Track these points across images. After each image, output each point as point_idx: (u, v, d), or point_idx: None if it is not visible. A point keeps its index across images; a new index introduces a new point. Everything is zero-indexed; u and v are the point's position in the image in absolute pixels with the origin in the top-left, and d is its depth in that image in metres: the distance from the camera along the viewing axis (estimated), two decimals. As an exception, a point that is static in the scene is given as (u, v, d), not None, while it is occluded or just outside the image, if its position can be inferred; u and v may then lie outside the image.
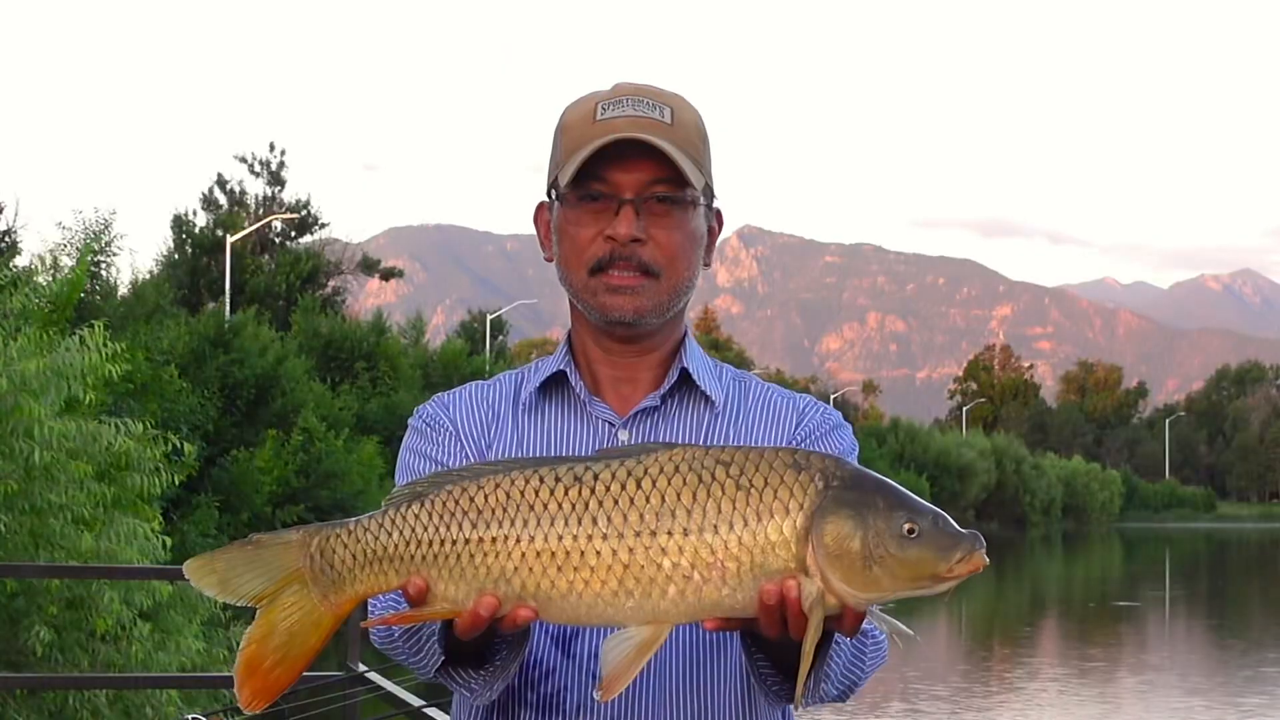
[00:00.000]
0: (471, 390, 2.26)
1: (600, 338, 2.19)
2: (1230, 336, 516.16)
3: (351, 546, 1.85)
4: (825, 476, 1.77)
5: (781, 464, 1.78)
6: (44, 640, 9.37)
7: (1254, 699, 18.25)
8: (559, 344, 2.26)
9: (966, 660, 23.33)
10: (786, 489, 1.76)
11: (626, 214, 2.10)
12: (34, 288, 14.28)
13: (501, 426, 2.20)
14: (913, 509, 1.77)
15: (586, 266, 2.13)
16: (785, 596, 1.75)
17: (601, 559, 1.78)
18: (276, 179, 50.35)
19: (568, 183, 2.11)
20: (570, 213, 2.13)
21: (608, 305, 2.13)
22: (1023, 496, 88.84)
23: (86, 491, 10.36)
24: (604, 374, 2.21)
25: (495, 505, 1.81)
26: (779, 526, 1.75)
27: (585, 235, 2.13)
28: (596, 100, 2.15)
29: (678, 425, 2.18)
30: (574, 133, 2.13)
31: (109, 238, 27.27)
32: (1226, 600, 38.73)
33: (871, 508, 1.75)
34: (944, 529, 1.77)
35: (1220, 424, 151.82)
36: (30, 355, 10.24)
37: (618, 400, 2.19)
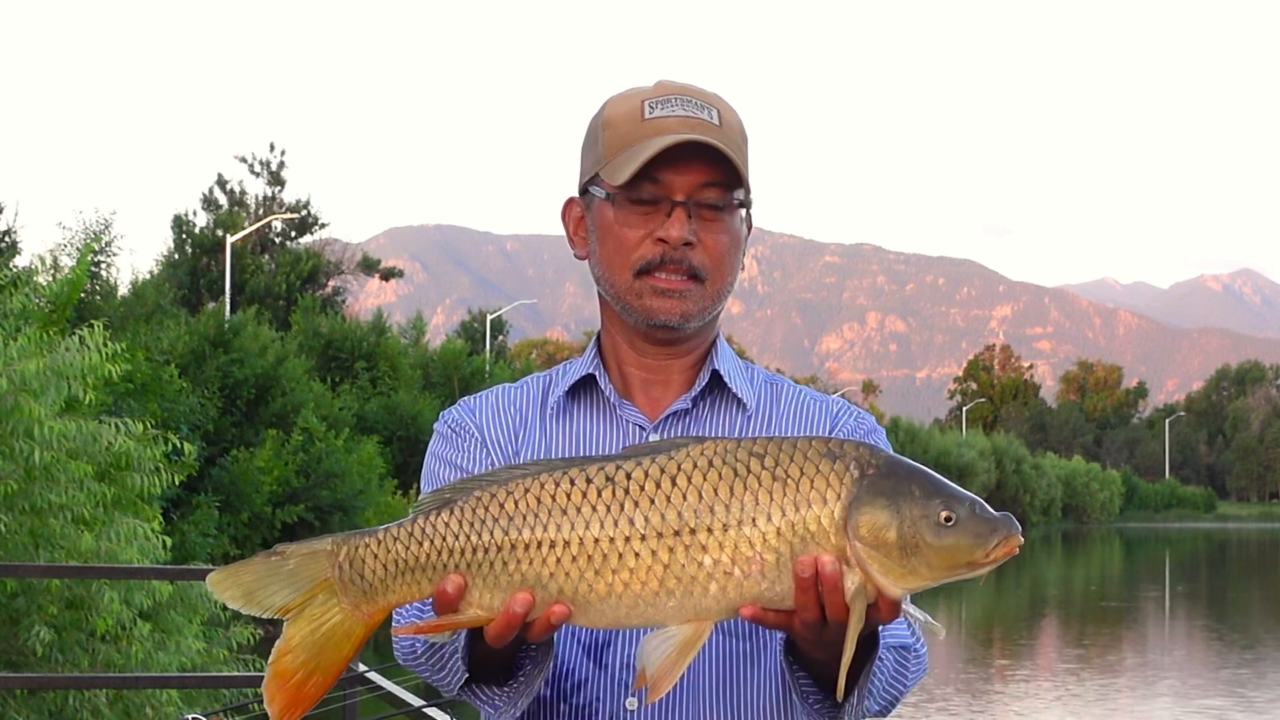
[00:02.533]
0: (498, 394, 2.23)
1: (636, 340, 2.16)
2: (1230, 336, 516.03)
3: (382, 556, 1.81)
4: (860, 465, 1.74)
5: (816, 453, 1.75)
6: (44, 640, 9.37)
7: (1254, 698, 18.25)
8: (586, 346, 2.22)
9: (966, 660, 23.33)
10: (823, 479, 1.73)
11: (679, 216, 2.07)
12: (34, 288, 14.29)
13: (529, 432, 2.17)
14: (949, 496, 1.74)
15: (633, 268, 2.09)
16: (820, 572, 1.72)
17: (641, 560, 1.75)
18: (276, 179, 50.35)
19: (621, 182, 2.07)
20: (618, 212, 2.09)
21: (654, 309, 2.09)
22: (1023, 496, 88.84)
23: (86, 491, 10.36)
24: (634, 376, 2.18)
25: (527, 509, 1.77)
26: (817, 517, 1.72)
27: (634, 236, 2.09)
28: (642, 98, 2.11)
29: (708, 428, 2.16)
30: (621, 130, 2.09)
31: (109, 238, 27.26)
32: (1226, 600, 38.72)
33: (907, 496, 1.72)
34: (980, 515, 1.75)
35: (1220, 424, 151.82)
36: (30, 355, 10.23)
37: (648, 403, 2.16)
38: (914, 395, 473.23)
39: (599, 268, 2.13)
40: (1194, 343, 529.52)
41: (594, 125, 2.15)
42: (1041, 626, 29.92)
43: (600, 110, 2.15)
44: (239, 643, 12.91)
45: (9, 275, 14.04)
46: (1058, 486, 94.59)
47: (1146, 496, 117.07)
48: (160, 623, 10.91)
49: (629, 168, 2.05)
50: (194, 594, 11.49)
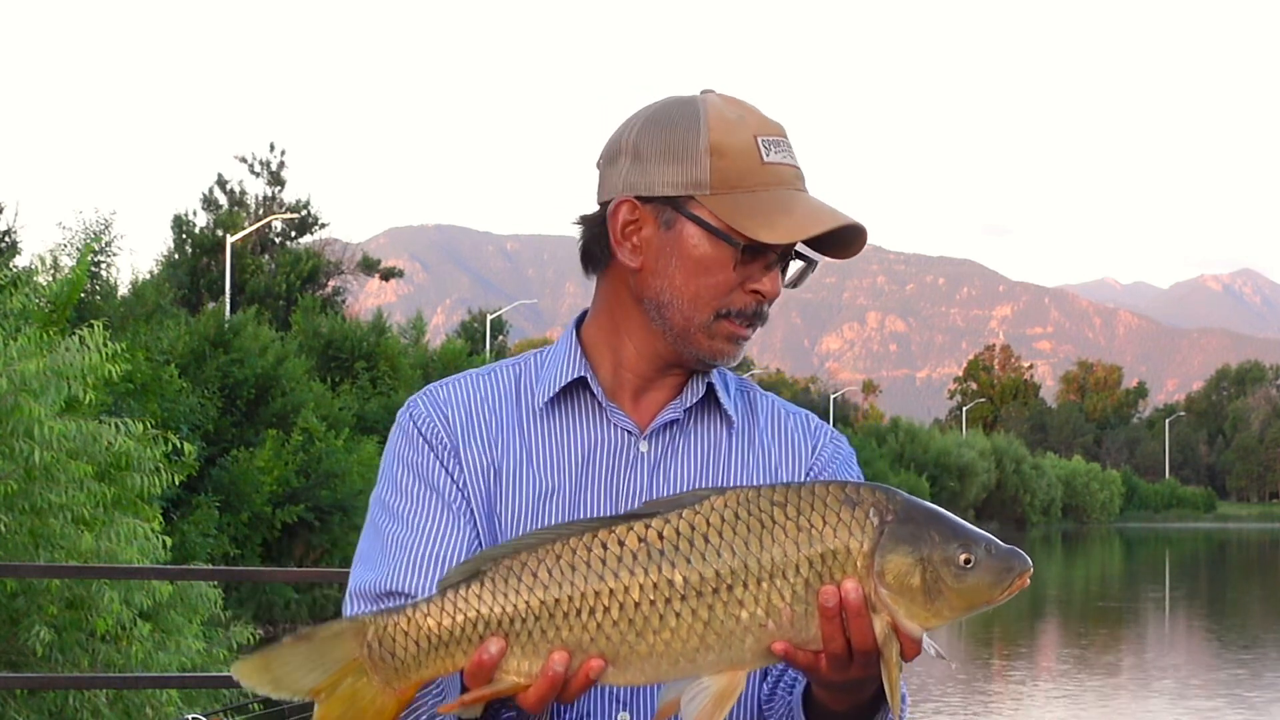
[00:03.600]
0: (469, 388, 2.13)
1: (662, 358, 2.09)
2: (1230, 336, 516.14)
3: (414, 633, 1.80)
4: (880, 511, 1.78)
5: (835, 501, 1.79)
6: (44, 640, 9.37)
7: (1252, 698, 18.25)
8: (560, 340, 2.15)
9: (966, 660, 23.32)
10: (845, 527, 1.77)
11: (776, 272, 2.06)
12: (34, 288, 14.30)
13: (508, 436, 2.08)
14: (967, 538, 1.78)
15: (718, 310, 2.03)
16: (845, 599, 1.76)
17: (682, 619, 1.77)
18: (276, 179, 50.35)
19: (764, 239, 1.99)
20: (717, 251, 2.01)
21: (720, 351, 2.06)
22: (1023, 496, 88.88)
23: (86, 491, 10.36)
24: (628, 380, 2.10)
25: (563, 574, 1.77)
26: (842, 566, 1.77)
27: (729, 279, 2.02)
28: (754, 133, 2.04)
29: (696, 441, 2.11)
30: (738, 165, 2.02)
31: (109, 238, 27.30)
32: (1226, 600, 38.73)
33: (928, 541, 1.77)
34: (996, 555, 1.79)
35: (1220, 424, 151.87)
36: (30, 355, 10.24)
37: (635, 408, 2.10)
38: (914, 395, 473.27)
39: (667, 292, 2.03)
40: (1194, 343, 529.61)
41: (686, 139, 2.03)
42: (1041, 627, 29.92)
43: (695, 123, 2.04)
44: (239, 643, 12.92)
45: (9, 275, 14.05)
46: (1058, 486, 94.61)
47: (1146, 496, 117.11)
48: (160, 623, 10.91)
49: (779, 227, 2.00)
50: (194, 594, 11.50)
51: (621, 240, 2.05)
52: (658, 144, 2.04)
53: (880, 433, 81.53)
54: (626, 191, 2.05)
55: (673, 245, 2.03)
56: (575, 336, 2.13)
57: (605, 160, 2.10)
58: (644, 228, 2.04)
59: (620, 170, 2.06)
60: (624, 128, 2.10)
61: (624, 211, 2.05)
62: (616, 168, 2.07)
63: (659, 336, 2.07)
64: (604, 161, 2.10)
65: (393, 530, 2.03)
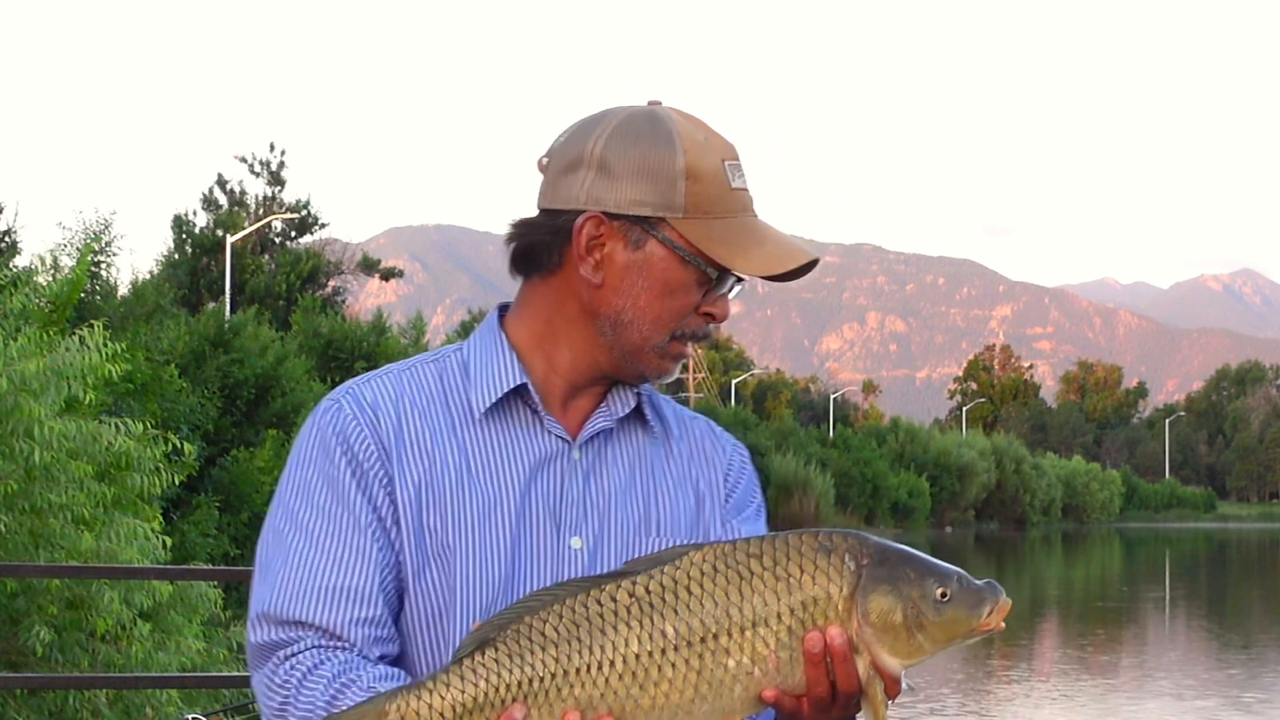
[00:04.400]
0: (394, 387, 2.06)
1: (601, 370, 2.08)
2: (1230, 336, 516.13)
3: (437, 705, 1.82)
4: (855, 556, 1.84)
5: (810, 549, 1.84)
6: (44, 640, 9.37)
7: (1250, 699, 18.25)
8: (486, 339, 2.09)
9: (966, 660, 23.32)
10: (823, 574, 1.83)
11: (726, 295, 2.07)
12: (34, 288, 14.29)
13: (445, 446, 2.03)
14: (940, 574, 1.85)
15: (673, 331, 2.04)
16: (831, 645, 1.80)
17: (678, 670, 1.82)
18: (276, 179, 50.33)
19: (738, 267, 2.01)
20: (685, 274, 2.02)
21: (665, 370, 2.07)
22: (1023, 496, 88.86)
23: (86, 491, 10.36)
24: (557, 387, 2.08)
25: (569, 634, 1.82)
26: (824, 611, 1.83)
27: (689, 302, 2.03)
28: (720, 156, 2.04)
29: (622, 450, 2.11)
30: (710, 191, 2.02)
31: (109, 238, 27.25)
32: (1226, 600, 38.73)
33: (904, 580, 1.83)
34: (969, 587, 1.86)
35: (1220, 424, 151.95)
36: (30, 355, 10.24)
37: (563, 416, 2.09)
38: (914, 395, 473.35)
39: (629, 311, 2.03)
40: (1194, 343, 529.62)
41: (662, 159, 2.01)
42: (1040, 627, 29.92)
43: (670, 143, 2.02)
44: (239, 643, 12.91)
45: (9, 275, 14.05)
46: (1058, 486, 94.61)
47: (1146, 496, 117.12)
48: (160, 623, 10.91)
49: (753, 258, 2.02)
50: (194, 594, 11.50)
51: (585, 255, 2.02)
52: (630, 161, 2.02)
53: (880, 433, 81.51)
54: (592, 205, 2.02)
55: (640, 266, 2.02)
56: (506, 339, 2.10)
57: (561, 166, 2.06)
58: (608, 244, 2.02)
59: (582, 181, 2.03)
60: (582, 135, 2.06)
61: (590, 226, 2.02)
62: (578, 177, 2.03)
63: (604, 350, 2.06)
64: (559, 167, 2.06)
65: (300, 547, 1.97)
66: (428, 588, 1.99)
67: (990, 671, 21.68)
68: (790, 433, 66.24)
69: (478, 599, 1.99)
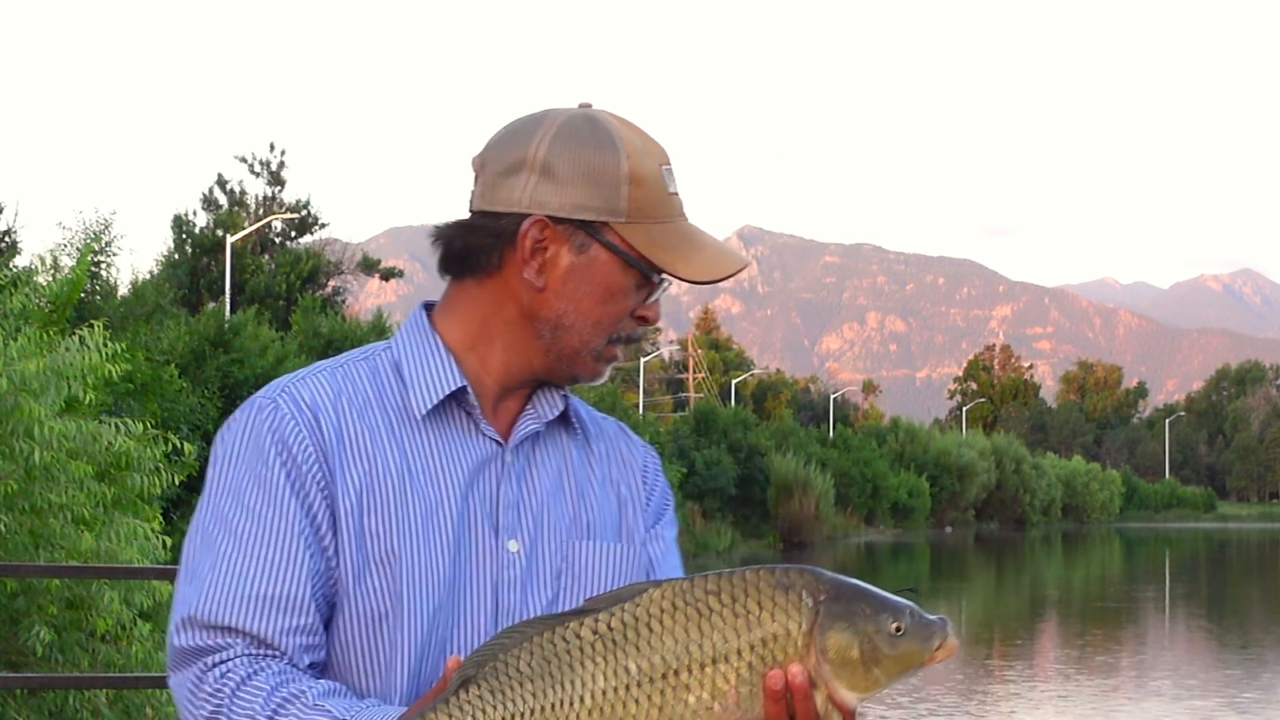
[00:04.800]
0: (330, 387, 2.04)
1: (534, 373, 2.09)
2: (1230, 336, 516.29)
3: None
4: (812, 592, 1.88)
5: (768, 586, 1.88)
6: (44, 640, 9.37)
7: (1248, 699, 18.26)
8: (418, 338, 2.08)
9: (966, 660, 23.33)
10: (782, 611, 1.87)
11: (658, 299, 2.09)
12: (34, 288, 14.29)
13: (386, 449, 2.01)
14: (894, 609, 1.89)
15: (610, 335, 2.06)
16: (791, 683, 1.82)
17: (641, 706, 1.85)
18: (276, 179, 50.36)
19: (681, 274, 2.03)
20: (625, 279, 2.04)
21: (598, 373, 2.09)
22: (1023, 496, 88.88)
23: (86, 491, 10.36)
24: (488, 389, 2.08)
25: (540, 671, 1.85)
26: (783, 647, 1.86)
27: (629, 307, 2.05)
28: (658, 161, 2.06)
29: (549, 451, 2.12)
30: (651, 196, 2.04)
31: (109, 238, 27.30)
32: (1226, 600, 38.74)
33: (861, 616, 1.87)
34: (921, 621, 1.90)
35: (1220, 424, 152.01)
36: (30, 355, 10.24)
37: (495, 419, 2.09)
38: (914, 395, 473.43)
39: (570, 315, 2.04)
40: (1194, 343, 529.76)
41: (607, 163, 2.02)
42: (1040, 627, 29.93)
43: (614, 147, 2.03)
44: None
45: (9, 275, 14.05)
46: (1058, 486, 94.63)
47: (1146, 496, 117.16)
48: (160, 623, 10.90)
49: (694, 263, 2.04)
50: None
51: (529, 258, 2.02)
52: (576, 165, 2.02)
53: (880, 433, 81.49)
54: (535, 209, 2.02)
55: (584, 270, 2.03)
56: (441, 340, 2.09)
57: (501, 168, 2.05)
58: (551, 248, 2.02)
59: (525, 184, 2.03)
60: (522, 137, 2.05)
61: (535, 230, 2.02)
62: (519, 180, 2.03)
63: (539, 353, 2.07)
64: (498, 169, 2.05)
65: (229, 551, 1.94)
66: (368, 592, 1.97)
67: (989, 671, 21.69)
68: (790, 433, 66.22)
69: (423, 603, 1.98)
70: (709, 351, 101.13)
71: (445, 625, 2.00)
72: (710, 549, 50.44)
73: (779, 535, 57.87)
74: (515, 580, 2.04)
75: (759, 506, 57.75)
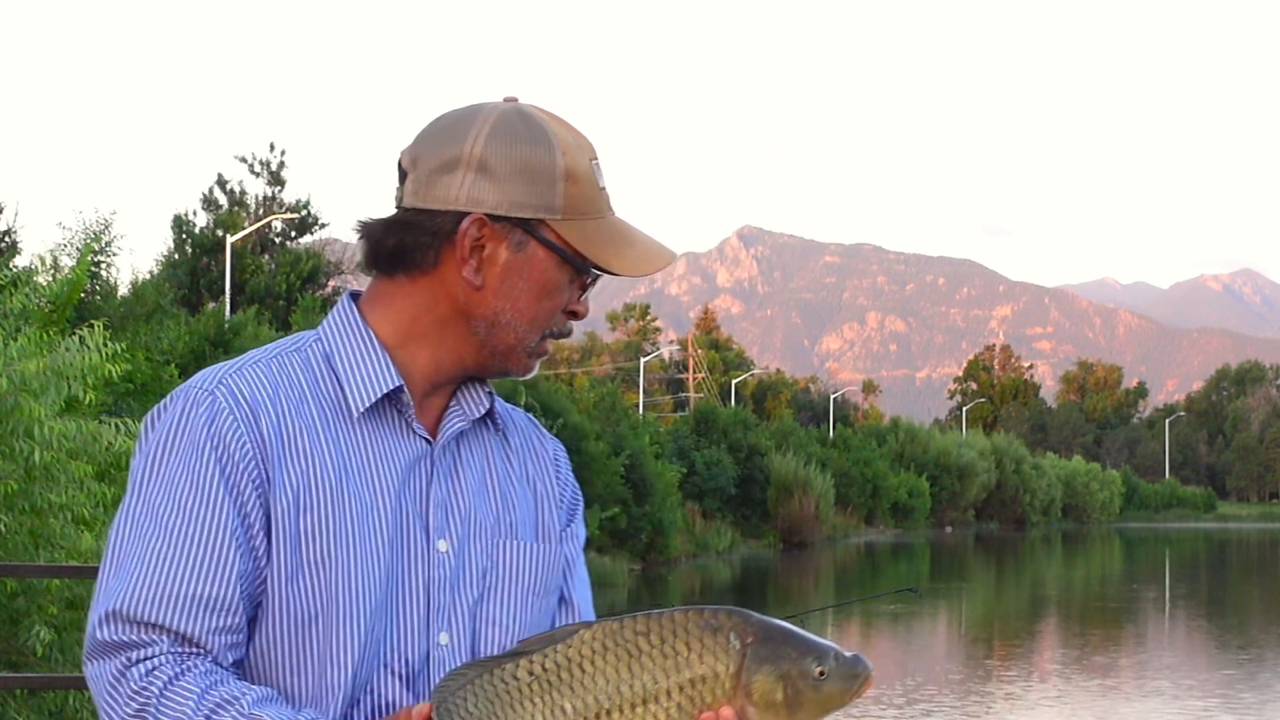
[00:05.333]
0: (266, 380, 2.02)
1: (465, 369, 2.09)
2: (1230, 336, 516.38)
3: None
4: (740, 635, 1.93)
5: (696, 628, 1.93)
6: (44, 640, 9.37)
7: (1247, 699, 18.26)
8: (353, 334, 2.06)
9: (966, 660, 23.34)
10: (710, 653, 1.92)
11: (589, 296, 2.11)
12: (34, 288, 14.29)
13: (323, 448, 2.00)
14: (819, 651, 1.94)
15: (543, 330, 2.06)
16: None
17: None
18: (276, 179, 50.34)
19: (613, 268, 2.05)
20: (560, 274, 2.05)
21: (530, 368, 2.09)
22: (1023, 496, 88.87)
23: (86, 491, 10.36)
24: (418, 386, 2.07)
25: (487, 712, 1.90)
26: (712, 689, 1.92)
27: (563, 303, 2.07)
28: (589, 156, 2.07)
29: (474, 448, 2.12)
30: (585, 191, 2.05)
31: (109, 238, 27.28)
32: (1226, 600, 38.75)
33: (786, 659, 1.93)
34: (843, 663, 1.95)
35: (1220, 424, 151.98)
36: (30, 355, 10.24)
37: (422, 415, 2.08)
38: (914, 395, 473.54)
39: (508, 313, 2.04)
40: (1194, 343, 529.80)
41: (543, 160, 2.02)
42: (1040, 627, 29.94)
43: (549, 143, 2.03)
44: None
45: (9, 275, 14.04)
46: (1058, 486, 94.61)
47: (1146, 496, 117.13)
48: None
49: (627, 258, 2.05)
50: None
51: (468, 257, 2.02)
52: (513, 162, 2.02)
53: (880, 433, 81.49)
54: (473, 207, 2.01)
55: (522, 268, 2.03)
56: (375, 336, 2.07)
57: (435, 165, 2.04)
58: (489, 246, 2.02)
59: (461, 181, 2.02)
60: (455, 134, 2.04)
61: (474, 228, 2.01)
62: (455, 177, 2.02)
63: (472, 350, 2.07)
64: (432, 166, 2.04)
65: (159, 546, 1.92)
66: (300, 593, 1.96)
67: (988, 671, 21.70)
68: (790, 433, 66.19)
69: (360, 604, 1.98)
70: (709, 351, 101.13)
71: (382, 625, 2.00)
72: (710, 549, 50.44)
73: (779, 535, 57.88)
74: (445, 580, 2.04)
75: (759, 506, 57.74)
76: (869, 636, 26.63)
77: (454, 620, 2.04)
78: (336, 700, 1.98)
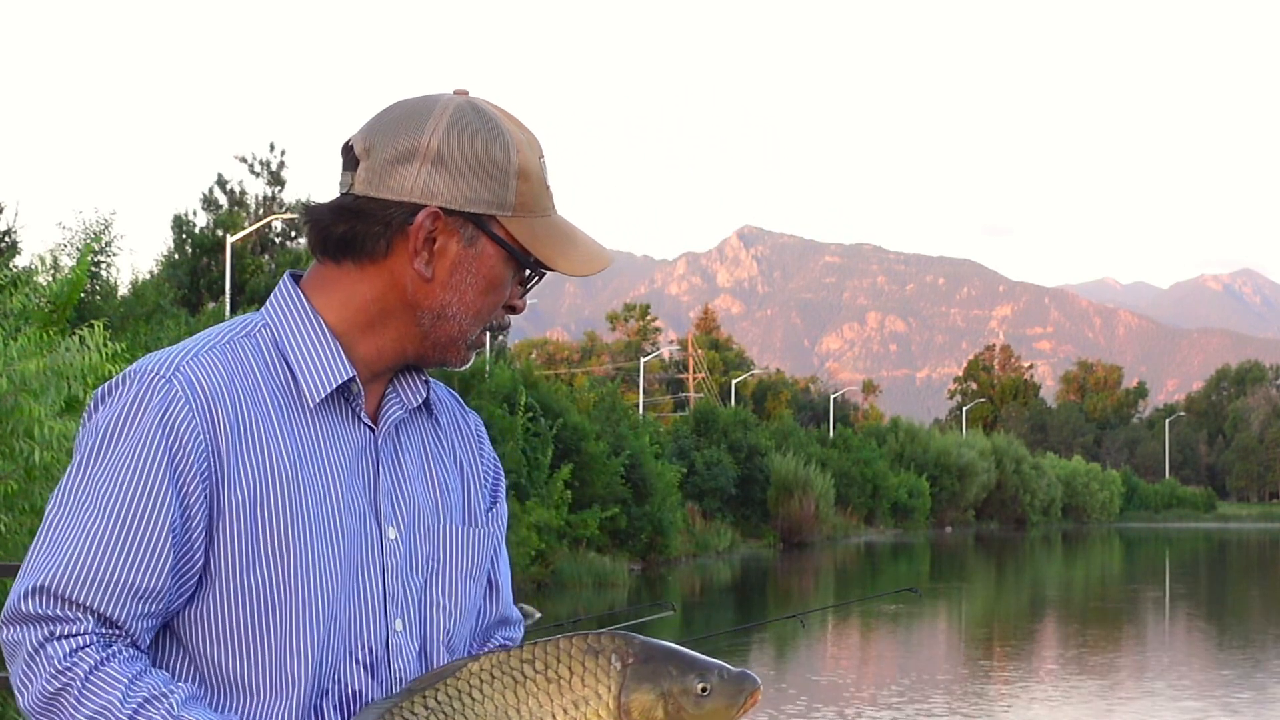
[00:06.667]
0: (221, 368, 2.00)
1: (406, 359, 2.11)
2: (1230, 336, 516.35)
3: None
4: (620, 656, 1.97)
5: (579, 652, 1.98)
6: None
7: (1246, 699, 18.26)
8: (303, 322, 2.06)
9: (966, 660, 23.34)
10: (591, 675, 1.96)
11: (527, 292, 2.15)
12: (34, 288, 14.30)
13: (279, 437, 2.00)
14: (701, 668, 1.98)
15: (485, 323, 2.09)
16: None
17: None
18: (276, 179, 50.33)
19: (559, 266, 2.08)
20: (504, 269, 2.07)
21: (468, 359, 2.11)
22: (1023, 496, 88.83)
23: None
24: (361, 374, 2.08)
25: None
26: (596, 711, 1.96)
27: (503, 297, 2.09)
28: (537, 154, 2.09)
29: (412, 434, 2.15)
30: (535, 189, 2.07)
31: (109, 238, 27.31)
32: (1226, 601, 38.74)
33: (666, 676, 1.97)
34: (728, 679, 1.98)
35: (1220, 424, 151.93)
36: (30, 355, 10.25)
37: (366, 404, 2.11)
38: (914, 395, 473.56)
39: (454, 305, 2.05)
40: (1194, 343, 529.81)
41: (497, 157, 2.03)
42: (1039, 627, 29.93)
43: (503, 140, 2.05)
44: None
45: (9, 275, 14.06)
46: (1058, 486, 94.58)
47: (1146, 496, 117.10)
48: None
49: (573, 258, 2.08)
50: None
51: (420, 249, 2.03)
52: (468, 157, 2.03)
53: (880, 433, 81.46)
54: (428, 199, 2.02)
55: (471, 262, 2.05)
56: (326, 324, 2.07)
57: (391, 155, 2.04)
58: (441, 239, 2.04)
59: (416, 173, 2.03)
60: (412, 125, 2.05)
61: (428, 221, 2.02)
62: (411, 169, 2.03)
63: (415, 340, 2.09)
64: (387, 156, 2.04)
65: (96, 528, 1.91)
66: (256, 583, 1.97)
67: (987, 671, 21.69)
68: (790, 433, 66.16)
69: (319, 594, 1.99)
70: (709, 351, 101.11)
71: (345, 614, 2.02)
72: (710, 549, 50.42)
73: (779, 535, 57.85)
74: (397, 567, 2.07)
75: (759, 506, 57.70)
76: (869, 636, 26.63)
77: (406, 607, 2.08)
78: (297, 689, 1.99)
